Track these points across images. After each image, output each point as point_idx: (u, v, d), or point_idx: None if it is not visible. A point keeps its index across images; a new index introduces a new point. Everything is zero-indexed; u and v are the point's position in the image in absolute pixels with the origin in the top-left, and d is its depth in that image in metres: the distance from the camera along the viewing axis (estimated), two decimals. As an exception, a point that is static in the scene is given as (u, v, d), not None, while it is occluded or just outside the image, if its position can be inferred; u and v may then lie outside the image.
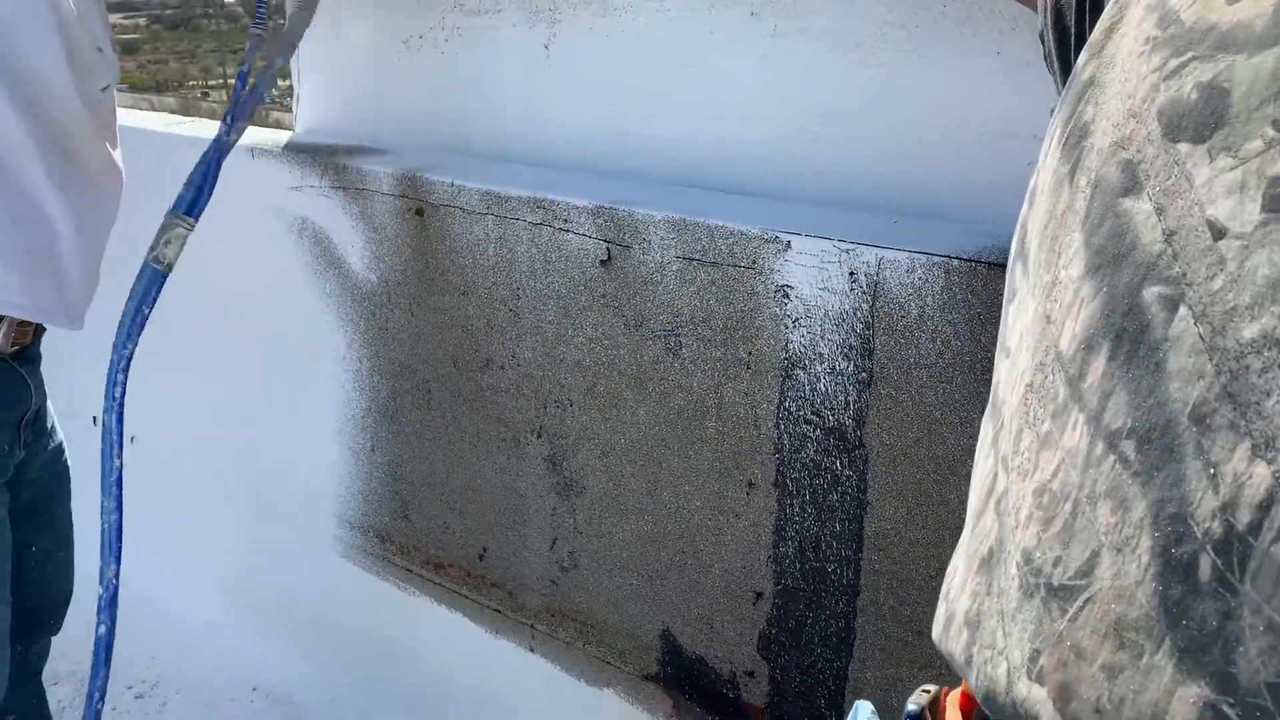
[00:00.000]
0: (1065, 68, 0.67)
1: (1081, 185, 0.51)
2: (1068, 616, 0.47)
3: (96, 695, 1.79)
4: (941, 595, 0.64)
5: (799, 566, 1.53)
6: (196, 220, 1.72)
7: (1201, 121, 0.45)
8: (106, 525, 1.79)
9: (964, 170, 1.44)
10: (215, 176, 1.73)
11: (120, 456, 1.77)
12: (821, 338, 1.41)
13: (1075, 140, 0.53)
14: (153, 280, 1.73)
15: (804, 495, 1.50)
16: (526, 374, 1.79)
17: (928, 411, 1.34)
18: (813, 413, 1.45)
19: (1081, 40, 0.62)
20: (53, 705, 2.37)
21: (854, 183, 1.55)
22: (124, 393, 1.77)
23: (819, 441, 1.46)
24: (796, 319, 1.43)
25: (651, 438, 1.65)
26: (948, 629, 0.60)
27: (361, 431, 2.14)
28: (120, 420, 1.77)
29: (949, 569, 0.65)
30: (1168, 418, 0.44)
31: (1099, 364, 0.48)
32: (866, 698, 1.50)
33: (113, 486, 1.77)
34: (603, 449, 1.72)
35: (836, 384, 1.42)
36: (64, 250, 1.62)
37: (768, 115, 1.61)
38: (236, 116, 1.75)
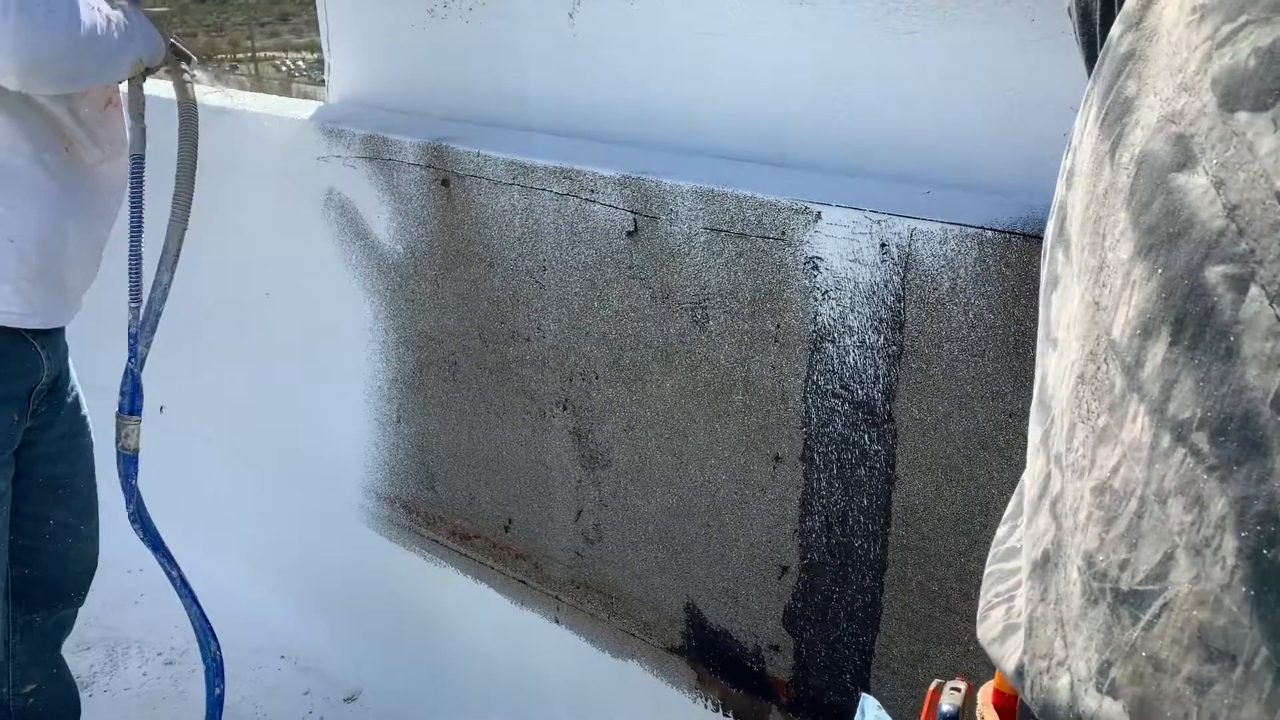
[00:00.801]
0: (1089, 42, 0.63)
1: (1124, 162, 0.48)
2: (1141, 624, 0.44)
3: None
4: (984, 595, 0.61)
5: (825, 541, 1.52)
6: (140, 414, 1.89)
7: (1263, 89, 0.42)
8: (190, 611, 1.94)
9: (998, 140, 1.41)
10: (139, 379, 1.87)
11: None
12: (851, 310, 1.39)
13: (1116, 116, 0.50)
14: (129, 460, 1.94)
15: (831, 470, 1.48)
16: (552, 346, 1.78)
17: (959, 385, 1.32)
18: (841, 386, 1.44)
19: (1110, 14, 0.59)
20: (84, 670, 2.40)
21: (885, 153, 1.52)
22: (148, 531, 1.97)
23: (847, 415, 1.44)
24: (826, 291, 1.41)
25: (677, 411, 1.64)
26: (999, 637, 0.57)
27: (388, 403, 2.15)
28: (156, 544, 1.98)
29: (991, 569, 0.63)
30: (1246, 408, 0.40)
31: (1159, 351, 0.44)
32: (893, 672, 1.50)
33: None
34: (628, 422, 1.71)
35: (866, 357, 1.40)
36: (68, 253, 1.62)
37: (797, 84, 1.59)
38: (141, 333, 1.85)
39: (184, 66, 1.82)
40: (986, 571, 0.63)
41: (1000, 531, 0.66)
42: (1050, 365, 0.56)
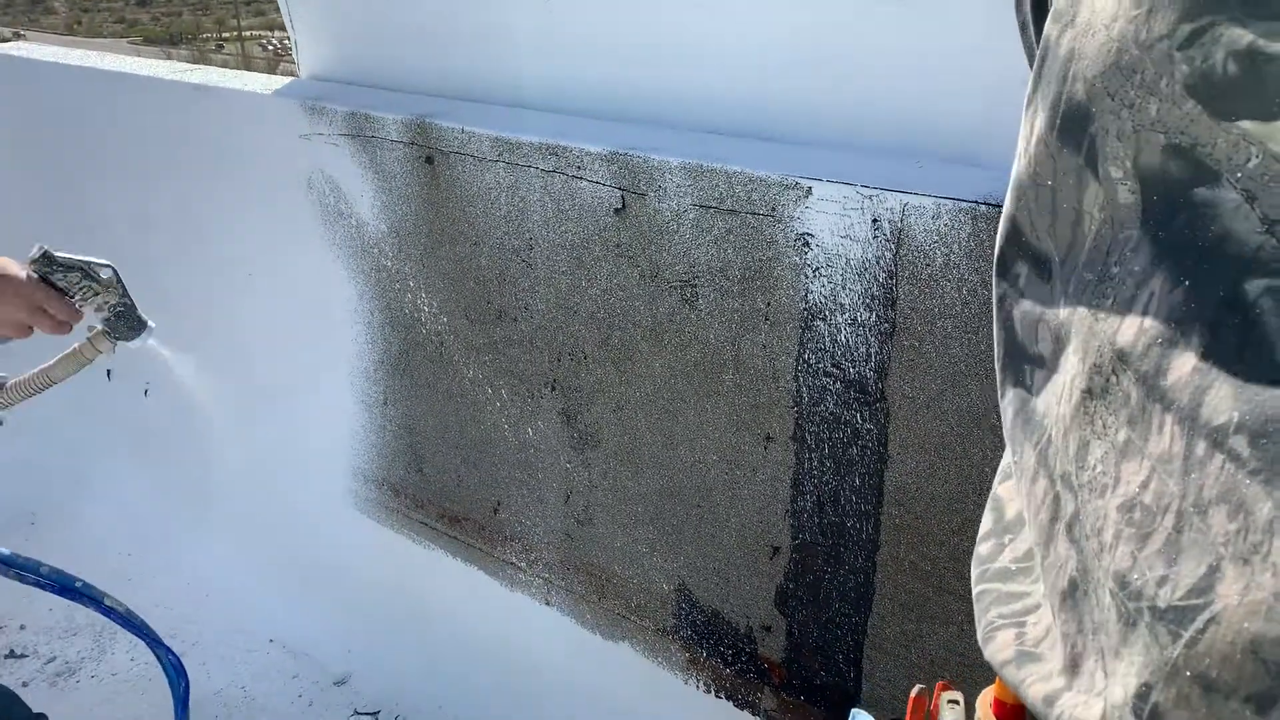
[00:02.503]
0: (1033, 51, 0.61)
1: (1117, 176, 0.46)
2: (1183, 642, 0.41)
3: None
4: (983, 615, 0.59)
5: (817, 521, 1.50)
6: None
7: (1260, 96, 0.40)
8: None
9: (991, 113, 1.38)
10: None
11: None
12: (843, 287, 1.37)
13: (1078, 127, 0.48)
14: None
15: (823, 449, 1.46)
16: (540, 326, 1.76)
17: (952, 363, 1.30)
18: (833, 365, 1.41)
19: (1043, 9, 0.56)
20: (72, 656, 2.39)
21: (877, 126, 1.49)
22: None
23: (839, 394, 1.42)
24: (817, 268, 1.39)
25: (667, 391, 1.62)
26: (1013, 660, 0.54)
27: (374, 384, 2.12)
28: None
29: (984, 588, 0.60)
30: None
31: (1187, 359, 0.42)
32: (885, 653, 1.49)
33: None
34: (618, 402, 1.69)
35: (858, 335, 1.38)
36: None
37: (787, 57, 1.56)
38: None
39: (102, 344, 1.47)
40: (979, 590, 0.61)
41: (982, 549, 0.63)
42: (1035, 381, 0.54)
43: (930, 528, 1.38)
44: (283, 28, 2.26)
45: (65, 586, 1.70)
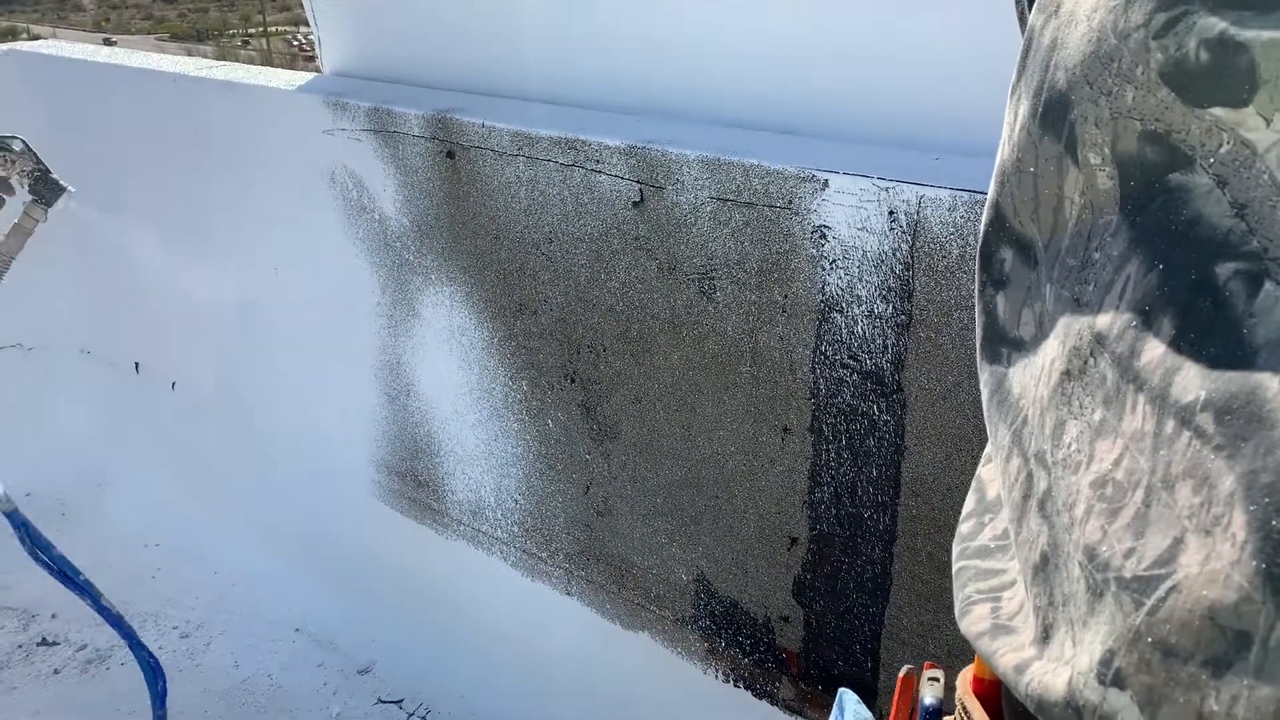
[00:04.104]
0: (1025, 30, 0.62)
1: (1095, 162, 0.47)
2: (1145, 609, 0.42)
3: None
4: (960, 590, 0.60)
5: (834, 512, 1.51)
6: None
7: (1231, 84, 0.41)
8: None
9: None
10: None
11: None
12: (859, 279, 1.38)
13: (1058, 114, 0.49)
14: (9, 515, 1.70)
15: (840, 440, 1.47)
16: (559, 319, 1.77)
17: (969, 355, 1.30)
18: (850, 356, 1.42)
19: None
20: (102, 643, 2.43)
21: (893, 119, 1.50)
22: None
23: (856, 386, 1.43)
24: (834, 260, 1.40)
25: (685, 383, 1.63)
26: (988, 632, 0.55)
27: (396, 377, 2.15)
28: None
29: (963, 564, 0.61)
30: (1253, 385, 0.40)
31: (1159, 342, 0.44)
32: (903, 643, 1.49)
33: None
34: (636, 394, 1.70)
35: (874, 327, 1.38)
36: None
37: (804, 51, 1.56)
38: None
39: (35, 213, 1.58)
40: (958, 567, 0.62)
41: (963, 528, 0.65)
42: (1013, 365, 0.55)
43: (947, 519, 1.39)
44: (307, 23, 2.29)
45: (69, 577, 1.76)
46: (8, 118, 1.74)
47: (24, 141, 1.57)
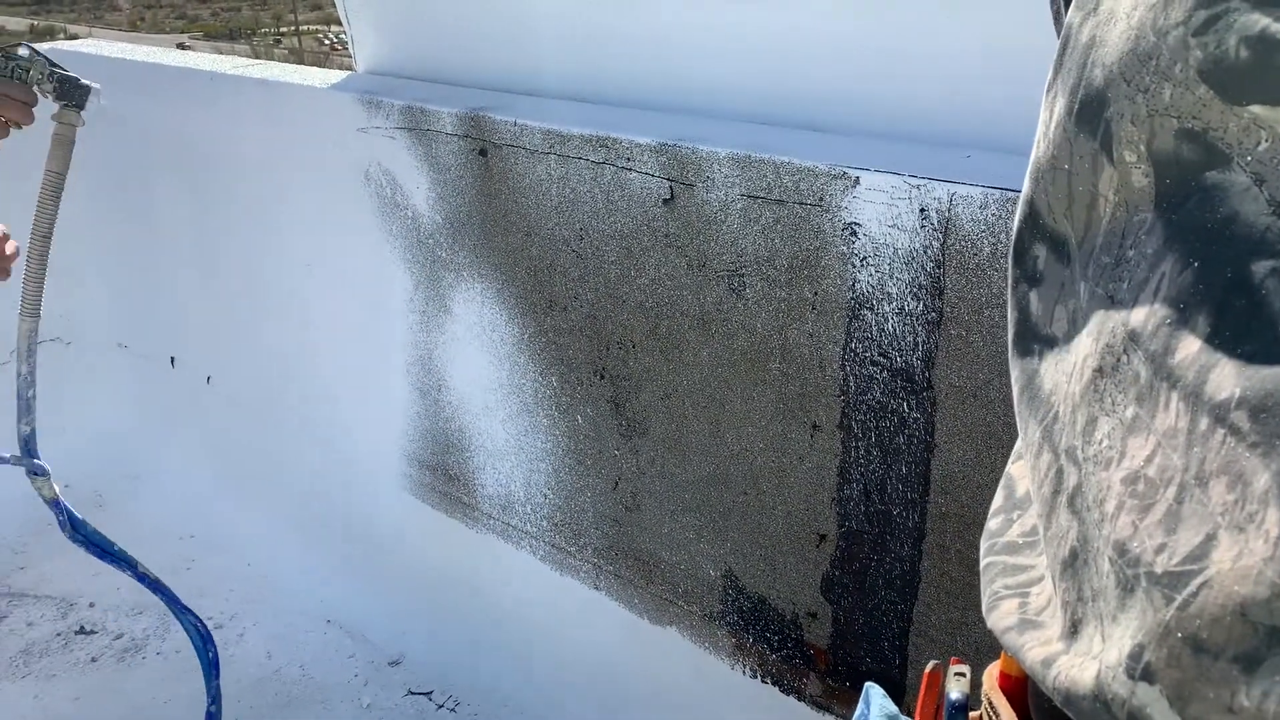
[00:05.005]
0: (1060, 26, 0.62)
1: (1131, 160, 0.47)
2: (1175, 604, 0.42)
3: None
4: (988, 586, 0.60)
5: (863, 509, 1.51)
6: (47, 473, 1.71)
7: (1270, 81, 0.41)
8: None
9: (1040, 102, 1.38)
10: (33, 448, 1.72)
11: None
12: (890, 277, 1.38)
13: (1093, 112, 0.49)
14: (53, 504, 1.72)
15: (869, 437, 1.47)
16: (589, 315, 1.78)
17: (1000, 352, 1.30)
18: (880, 354, 1.42)
19: None
20: (138, 633, 2.47)
21: (925, 116, 1.49)
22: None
23: (886, 383, 1.43)
24: (864, 258, 1.40)
25: (714, 379, 1.63)
26: (1015, 627, 0.55)
27: (428, 372, 2.17)
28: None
29: (991, 560, 0.62)
30: None
31: (1194, 339, 0.44)
32: (931, 640, 1.49)
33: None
34: (665, 390, 1.71)
35: (905, 324, 1.38)
36: None
37: (836, 48, 1.56)
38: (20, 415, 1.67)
39: (69, 119, 1.52)
40: (986, 562, 0.63)
41: (992, 524, 0.65)
42: (1045, 361, 0.55)
43: (977, 516, 1.39)
44: (339, 22, 2.31)
45: (105, 550, 1.80)
46: (48, 115, 1.77)
47: (30, 46, 1.50)
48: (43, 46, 2.77)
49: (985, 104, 1.43)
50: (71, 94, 1.51)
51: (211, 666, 1.88)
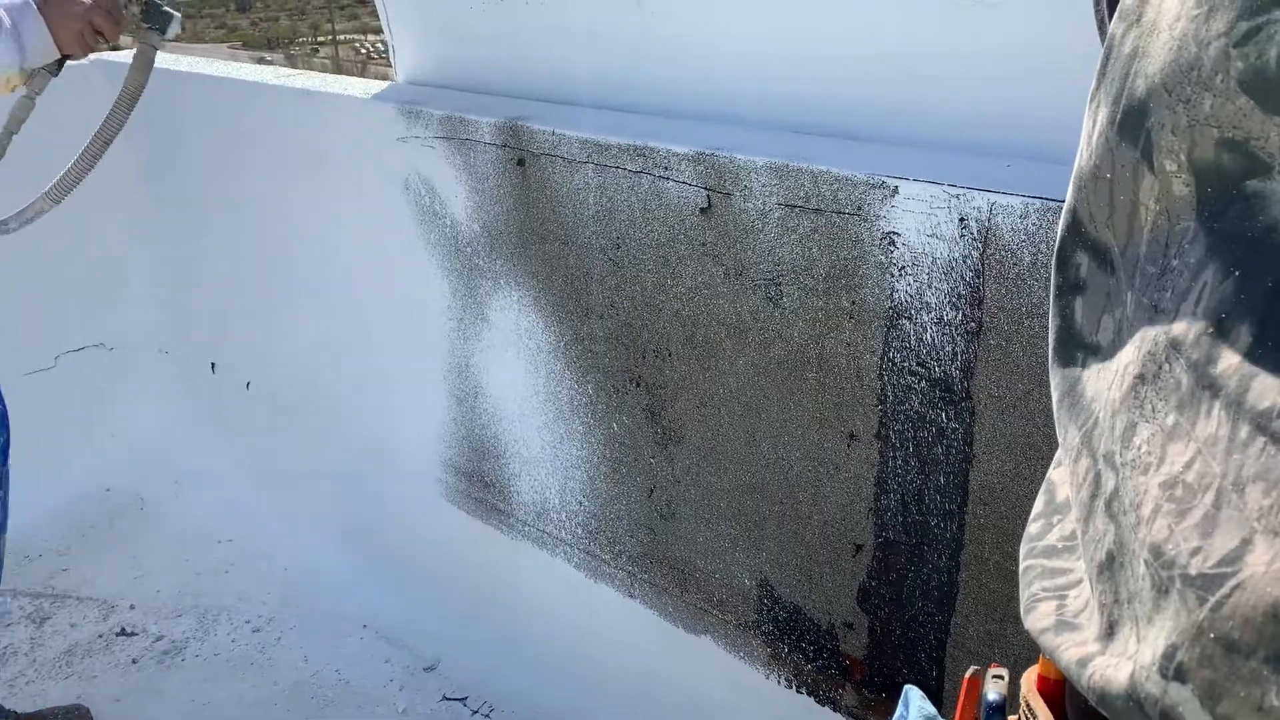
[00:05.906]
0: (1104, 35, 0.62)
1: (1172, 170, 0.48)
2: (1208, 606, 0.43)
3: None
4: (1026, 588, 0.61)
5: (901, 520, 1.51)
6: None
7: None
8: None
9: (1081, 113, 1.37)
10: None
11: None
12: (929, 286, 1.38)
13: (1136, 122, 0.50)
14: None
15: (907, 448, 1.47)
16: (625, 323, 1.79)
17: (1040, 363, 1.29)
18: (918, 364, 1.42)
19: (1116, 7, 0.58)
20: (177, 635, 2.50)
21: (964, 125, 1.49)
22: None
23: (924, 393, 1.42)
24: (903, 267, 1.39)
25: (751, 388, 1.63)
26: (1052, 628, 0.56)
27: (464, 379, 2.18)
28: None
29: (1030, 563, 0.62)
30: None
31: (1236, 348, 0.44)
32: (968, 652, 1.48)
33: None
34: (701, 399, 1.72)
35: (943, 334, 1.38)
36: None
37: (874, 57, 1.56)
38: None
39: (151, 40, 1.58)
40: (1025, 565, 0.63)
41: (1032, 528, 0.66)
42: (1087, 369, 0.56)
43: (1015, 528, 1.38)
44: (375, 31, 2.34)
45: None
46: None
47: None
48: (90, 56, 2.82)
49: (1025, 113, 1.43)
50: (155, 18, 1.60)
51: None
